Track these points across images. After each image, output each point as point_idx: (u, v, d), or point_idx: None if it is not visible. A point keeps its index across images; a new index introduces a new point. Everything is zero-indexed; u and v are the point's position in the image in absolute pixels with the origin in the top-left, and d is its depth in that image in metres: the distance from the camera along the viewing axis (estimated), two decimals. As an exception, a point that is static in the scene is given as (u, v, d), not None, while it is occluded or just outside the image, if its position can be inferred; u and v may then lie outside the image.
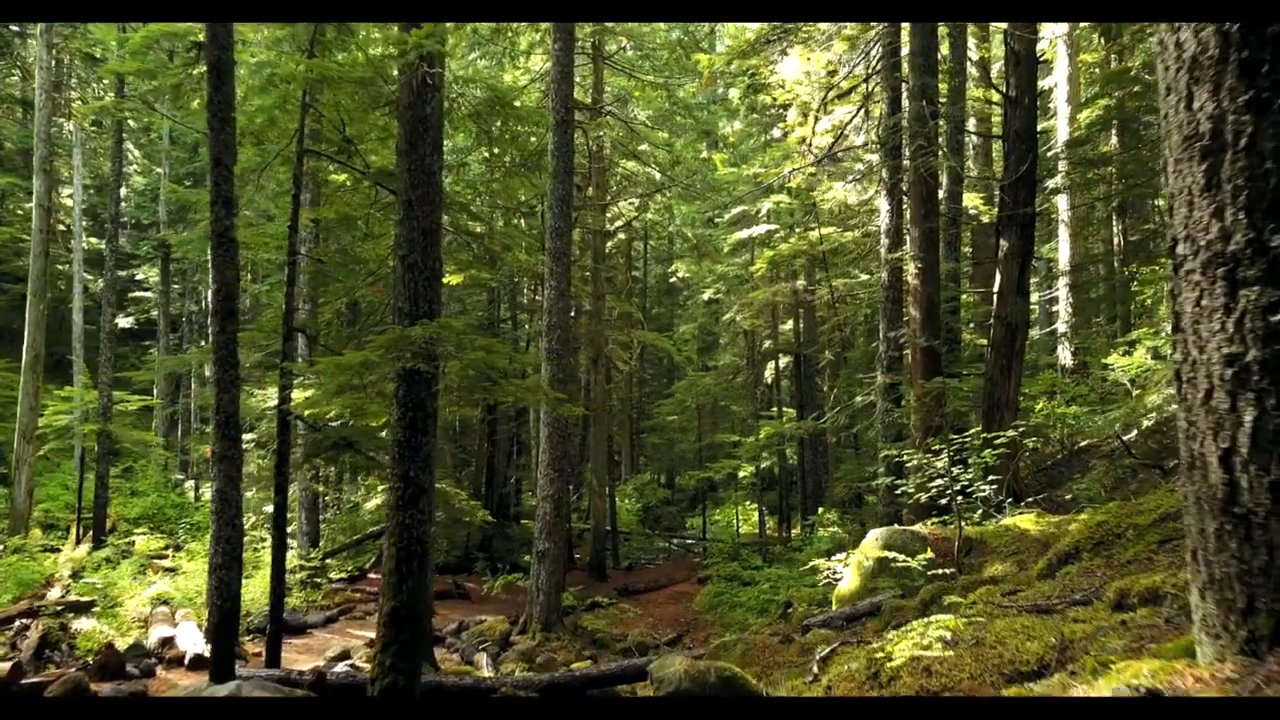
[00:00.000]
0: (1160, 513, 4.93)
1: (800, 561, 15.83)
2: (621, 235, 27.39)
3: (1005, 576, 6.44)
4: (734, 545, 19.37)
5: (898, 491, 9.01)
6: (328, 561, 18.05)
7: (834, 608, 8.54)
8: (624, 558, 24.67)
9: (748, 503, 28.78)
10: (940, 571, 7.71)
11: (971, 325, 20.77)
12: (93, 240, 29.37)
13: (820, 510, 26.06)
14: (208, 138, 7.84)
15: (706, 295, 25.44)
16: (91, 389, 17.89)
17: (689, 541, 27.57)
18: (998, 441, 8.06)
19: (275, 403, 9.53)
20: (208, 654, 10.56)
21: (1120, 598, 3.29)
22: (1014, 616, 3.78)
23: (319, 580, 14.41)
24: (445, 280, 10.32)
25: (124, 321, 29.50)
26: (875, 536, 8.25)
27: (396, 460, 6.51)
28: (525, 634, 13.43)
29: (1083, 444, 17.68)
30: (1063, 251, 21.48)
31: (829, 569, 9.41)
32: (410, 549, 6.41)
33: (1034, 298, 21.88)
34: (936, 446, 7.99)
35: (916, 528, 8.20)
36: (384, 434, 14.91)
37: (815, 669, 4.48)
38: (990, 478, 8.75)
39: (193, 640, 10.73)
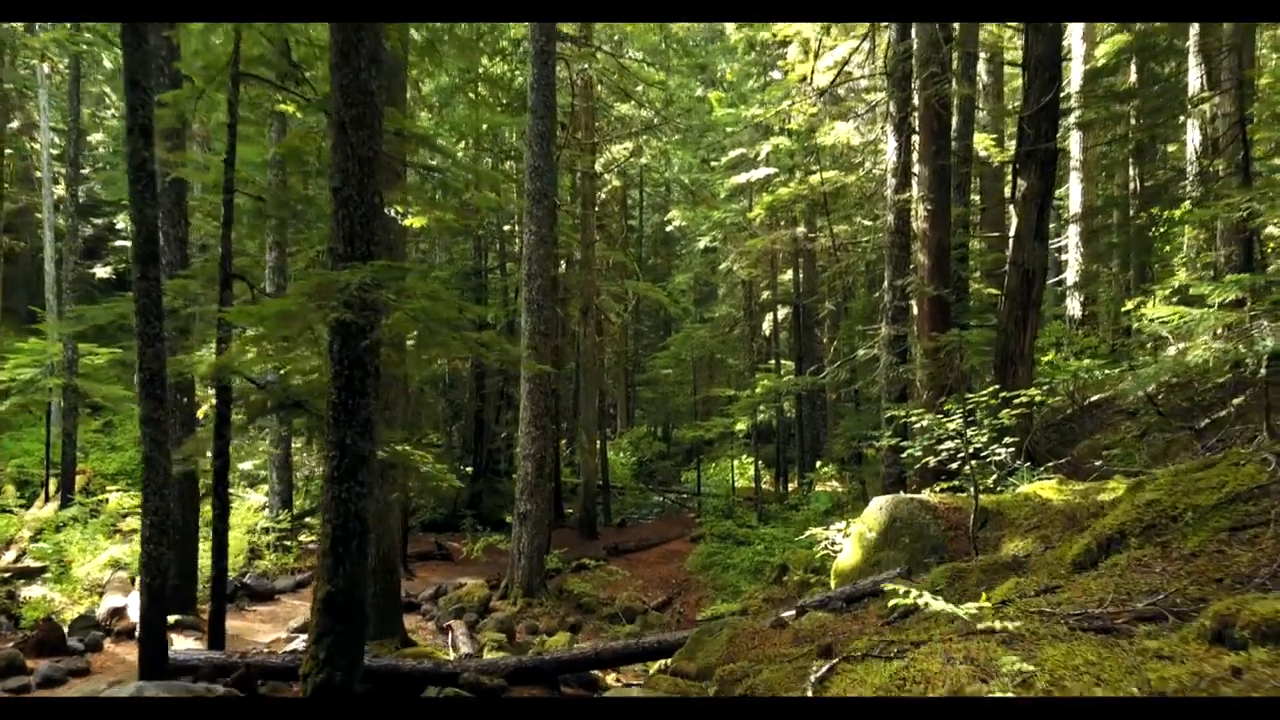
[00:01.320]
0: (1228, 491, 4.09)
1: (797, 522, 15.12)
2: (615, 182, 26.28)
3: (1029, 558, 5.63)
4: (728, 503, 18.69)
5: (903, 454, 8.19)
6: (305, 521, 17.39)
7: (832, 583, 7.78)
8: (617, 514, 24.04)
9: (744, 456, 28.08)
10: (953, 544, 6.92)
11: (979, 274, 19.82)
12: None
13: (818, 464, 25.42)
14: (122, 57, 6.84)
15: (702, 243, 24.41)
16: (57, 341, 17.00)
17: (684, 495, 26.97)
18: (1017, 401, 7.21)
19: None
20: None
21: (1222, 626, 2.47)
22: (1066, 638, 2.95)
23: (289, 543, 13.69)
24: (408, 223, 9.38)
25: (102, 271, 28.51)
26: (879, 506, 7.45)
27: (332, 425, 5.66)
28: (506, 599, 12.76)
29: (1093, 398, 16.87)
30: (1074, 196, 20.42)
31: (827, 539, 8.65)
32: (348, 526, 5.59)
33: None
34: (949, 406, 7.14)
35: (924, 496, 7.40)
36: None
37: (810, 690, 3.68)
38: (1006, 440, 7.93)
39: (145, 611, 10.00)
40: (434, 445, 29.85)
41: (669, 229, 32.00)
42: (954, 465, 7.62)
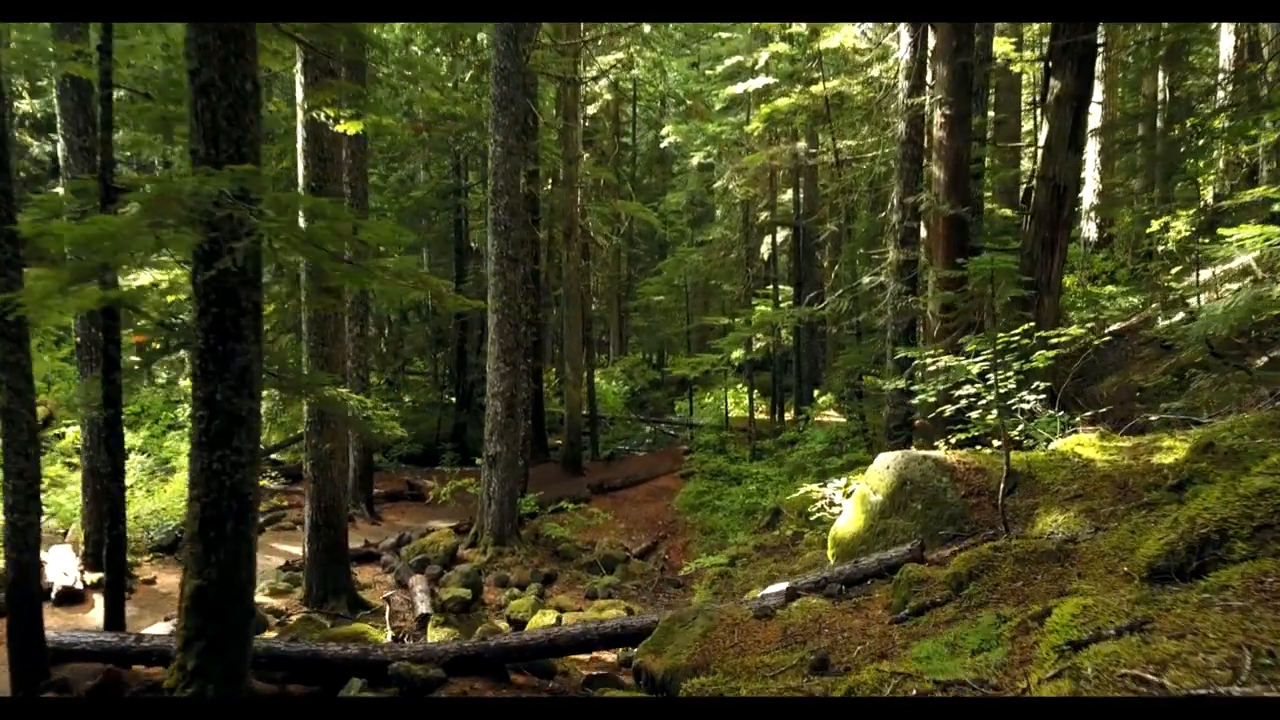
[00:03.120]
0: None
1: (791, 462, 14.09)
2: (607, 96, 24.47)
3: (1077, 543, 4.50)
4: (720, 438, 17.66)
5: (913, 399, 7.02)
6: (270, 457, 16.35)
7: (829, 553, 6.70)
8: (607, 445, 23.08)
9: (739, 385, 26.98)
10: (973, 512, 5.80)
11: (992, 193, 18.37)
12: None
13: (816, 394, 24.36)
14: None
15: (697, 159, 22.79)
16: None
17: (676, 425, 26.00)
18: (1053, 341, 5.99)
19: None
20: (80, 586, 8.88)
21: None
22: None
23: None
24: (340, 128, 7.99)
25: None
26: (886, 464, 6.31)
27: (198, 378, 4.45)
28: (475, 548, 11.79)
29: (1113, 328, 15.67)
30: (1092, 108, 18.75)
31: (823, 498, 7.56)
32: (222, 505, 4.44)
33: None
34: (973, 347, 5.94)
35: (939, 453, 6.26)
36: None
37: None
38: (1035, 385, 6.76)
39: (65, 569, 8.99)
40: (420, 373, 28.88)
41: (663, 145, 30.23)
42: (974, 414, 6.47)
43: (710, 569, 10.56)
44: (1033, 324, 5.90)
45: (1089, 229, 20.26)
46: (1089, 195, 20.25)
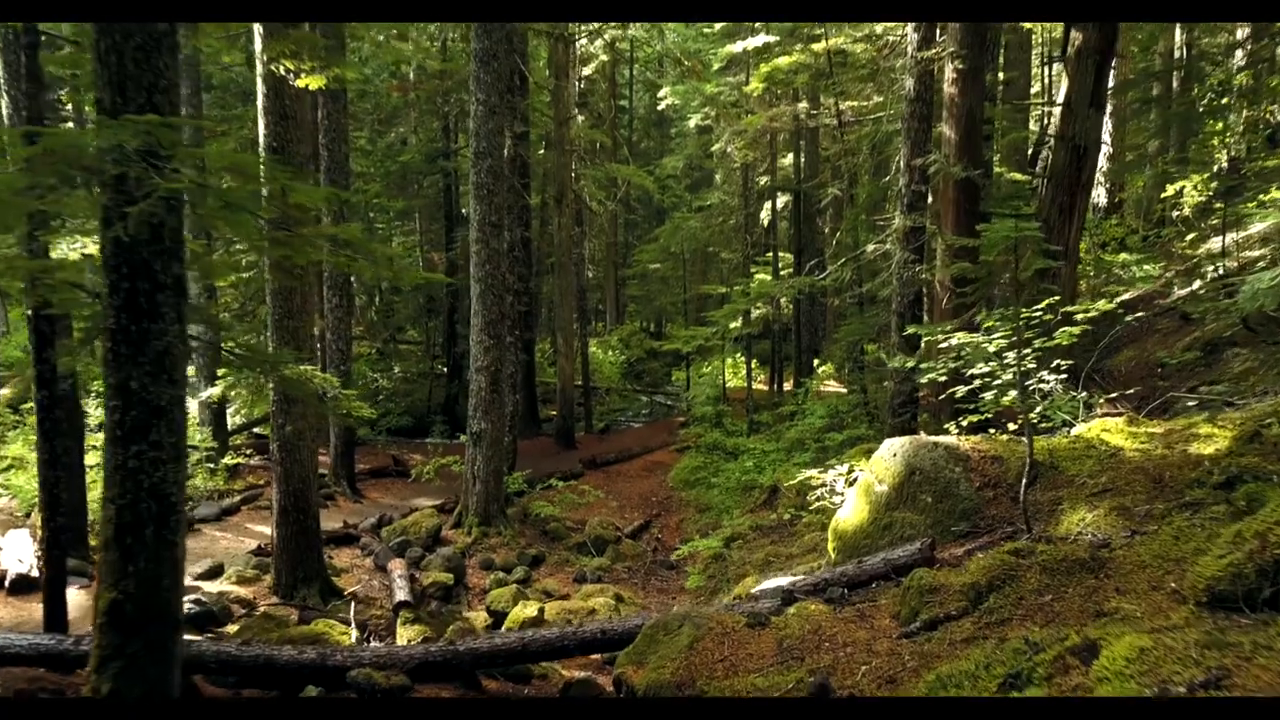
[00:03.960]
0: None
1: (790, 438, 13.57)
2: (603, 56, 23.61)
3: (1111, 550, 3.96)
4: (717, 411, 17.14)
5: (923, 378, 6.47)
6: (253, 430, 15.83)
7: (830, 547, 6.18)
8: (601, 418, 22.59)
9: (737, 355, 26.41)
10: (988, 506, 5.27)
11: (999, 156, 17.64)
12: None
13: (816, 364, 23.81)
14: None
15: (694, 121, 21.98)
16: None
17: (673, 396, 25.50)
18: (1079, 315, 5.41)
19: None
20: (36, 574, 8.37)
21: None
22: None
23: (214, 466, 12.11)
24: (301, 83, 7.33)
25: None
26: (893, 451, 5.76)
27: (110, 362, 3.88)
28: (460, 528, 11.31)
29: (1125, 297, 15.08)
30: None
31: (823, 484, 7.03)
32: (140, 507, 3.90)
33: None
34: (990, 323, 5.37)
35: (951, 439, 5.71)
36: (206, 303, 12.10)
37: None
38: (1055, 363, 6.19)
39: (21, 555, 8.49)
40: (412, 343, 28.27)
41: (661, 107, 29.36)
42: (988, 395, 5.92)
43: (704, 551, 10.08)
44: (1057, 297, 5.32)
45: (1099, 194, 19.56)
46: (1100, 159, 19.50)
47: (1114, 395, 6.88)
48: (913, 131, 9.65)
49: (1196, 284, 13.36)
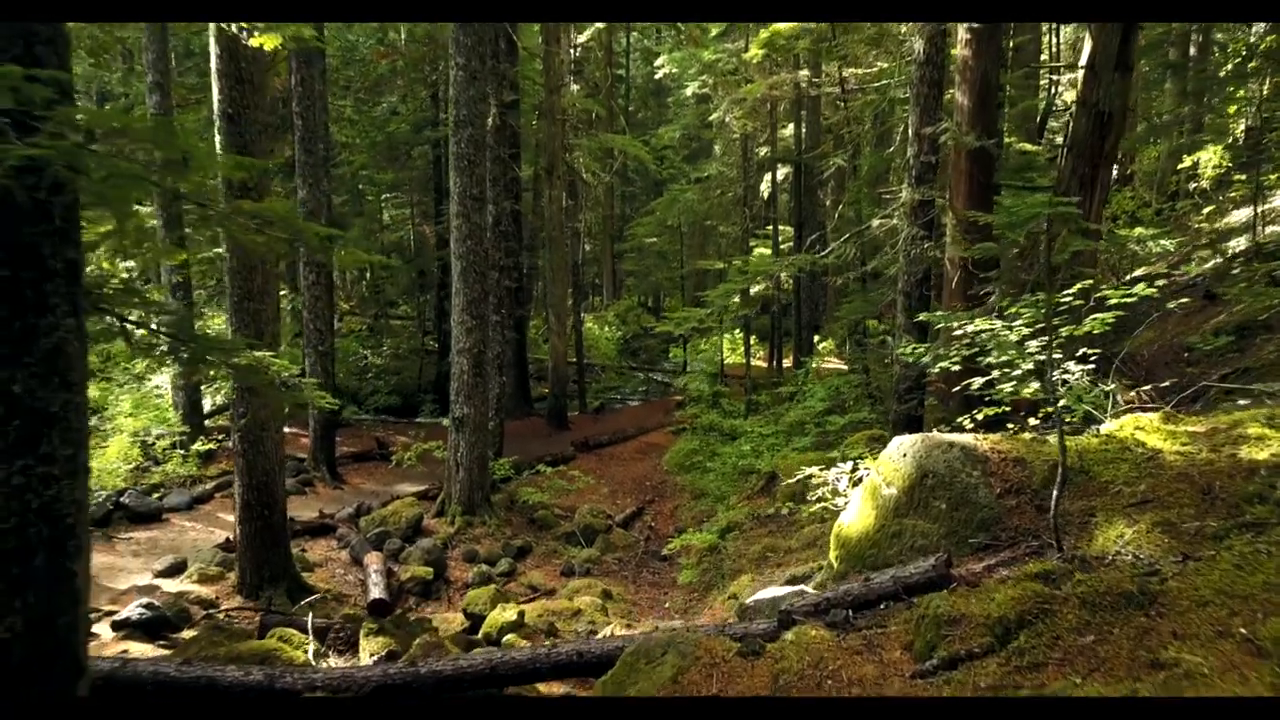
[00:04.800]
0: None
1: (789, 421, 13.02)
2: (599, 23, 22.77)
3: (1161, 578, 3.40)
4: (714, 391, 16.59)
5: (933, 366, 5.89)
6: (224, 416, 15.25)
7: (833, 556, 5.63)
8: (597, 396, 22.05)
9: (735, 331, 25.81)
10: (1011, 514, 4.71)
11: (1011, 124, 16.93)
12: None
13: (816, 340, 23.24)
14: None
15: (691, 90, 21.22)
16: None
17: (670, 374, 24.94)
18: (1113, 300, 4.82)
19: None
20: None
21: None
22: None
23: (184, 452, 11.55)
24: (255, 42, 6.67)
25: None
26: (903, 451, 5.20)
27: (-12, 362, 3.31)
28: (443, 517, 10.80)
29: (1138, 273, 14.47)
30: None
31: (824, 483, 6.48)
32: (28, 531, 3.33)
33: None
34: (1015, 309, 4.79)
35: (967, 439, 5.15)
36: (153, 288, 11.64)
37: None
38: (1082, 352, 5.62)
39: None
40: (404, 318, 27.63)
41: (658, 76, 28.53)
42: (1007, 386, 5.36)
43: (698, 545, 9.57)
44: (1091, 281, 4.73)
45: (1108, 165, 18.77)
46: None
47: (1146, 388, 6.30)
48: (922, 97, 9.00)
49: (1216, 260, 12.75)
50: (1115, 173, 19.21)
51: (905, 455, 5.18)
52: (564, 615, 7.68)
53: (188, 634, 6.64)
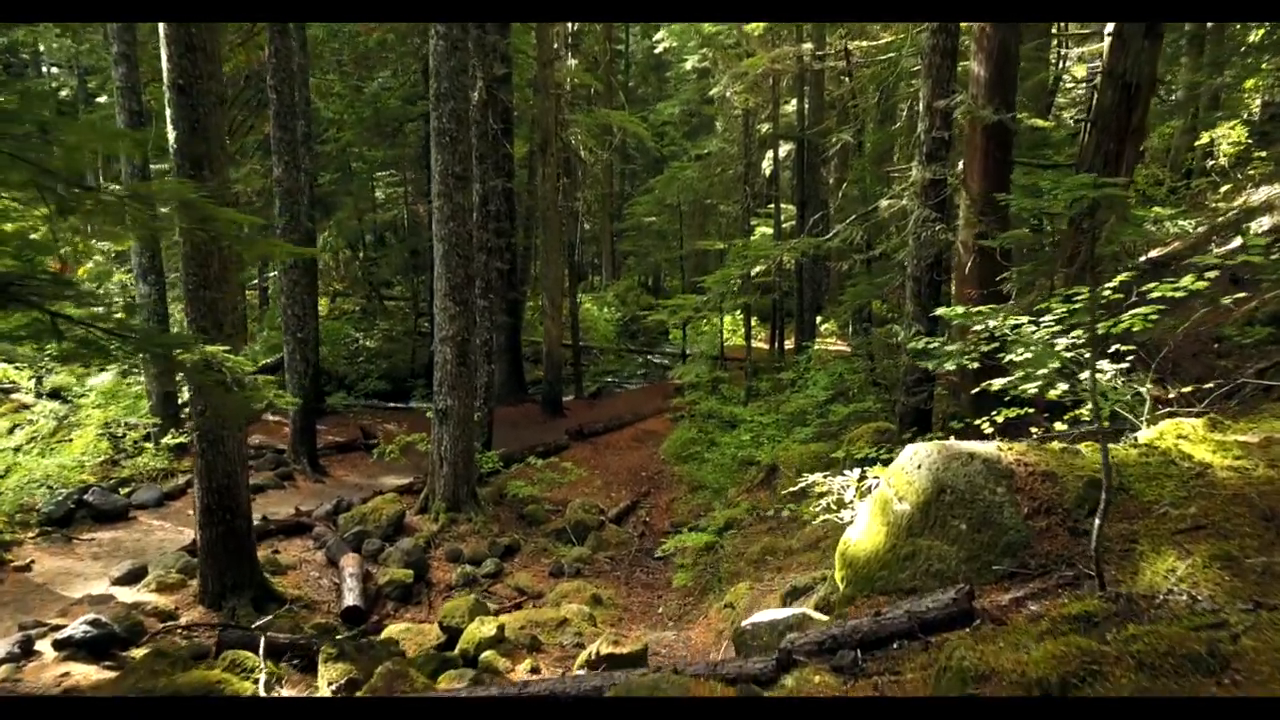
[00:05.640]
0: None
1: (790, 411, 12.48)
2: (595, -6, 21.97)
3: (1229, 630, 2.86)
4: (713, 376, 16.02)
5: (948, 363, 5.32)
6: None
7: (838, 576, 5.10)
8: (594, 380, 21.50)
9: (736, 311, 25.20)
10: (1042, 542, 4.17)
11: (1022, 98, 16.22)
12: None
13: (819, 320, 22.67)
14: None
15: (690, 63, 20.50)
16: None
17: (670, 356, 24.39)
18: (1155, 294, 4.25)
19: None
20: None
21: None
22: None
23: (155, 446, 11.01)
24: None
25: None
26: (917, 462, 4.65)
27: None
28: (426, 513, 10.29)
29: (1152, 255, 13.86)
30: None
31: (827, 492, 5.93)
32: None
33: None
34: (1047, 304, 4.22)
35: (988, 449, 4.59)
36: (84, 277, 11.19)
37: None
38: (1115, 348, 5.06)
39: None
40: (399, 298, 27.02)
41: (659, 50, 27.72)
42: (1031, 388, 4.81)
43: (693, 545, 9.06)
44: (1135, 272, 4.17)
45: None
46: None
47: (1186, 389, 5.72)
48: (934, 68, 8.36)
49: (1238, 241, 12.12)
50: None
51: (920, 467, 4.62)
52: (549, 626, 7.18)
53: (138, 652, 6.14)
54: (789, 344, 21.76)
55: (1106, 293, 4.22)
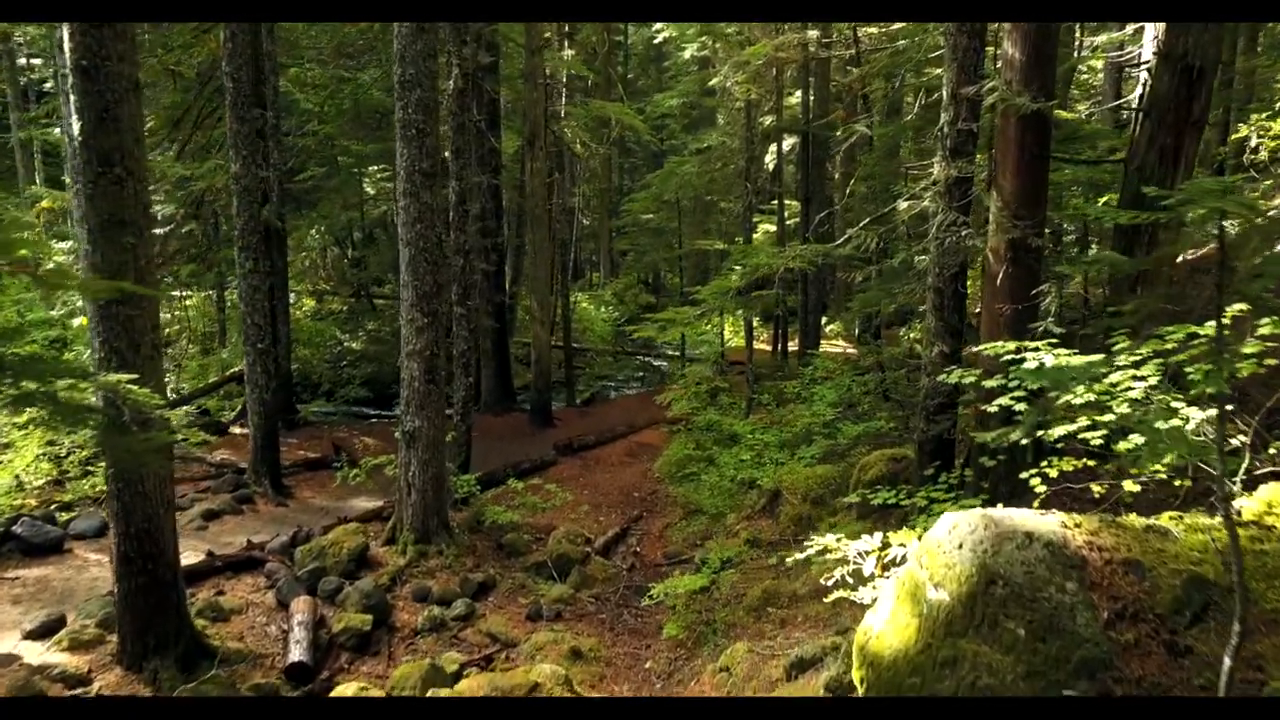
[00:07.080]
0: None
1: (793, 428, 11.51)
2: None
3: None
4: (712, 385, 15.05)
5: (988, 405, 4.34)
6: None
7: (856, 677, 4.13)
8: (588, 385, 20.56)
9: (738, 311, 24.20)
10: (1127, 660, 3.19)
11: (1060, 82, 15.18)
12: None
13: (825, 323, 21.71)
14: None
15: (690, 52, 19.49)
16: None
17: (669, 357, 23.42)
18: (1263, 330, 3.29)
19: None
20: None
21: None
22: None
23: (98, 467, 10.08)
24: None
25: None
26: (956, 537, 3.68)
27: None
28: (394, 545, 9.33)
29: (1189, 255, 12.84)
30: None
31: (843, 560, 4.95)
32: None
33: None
34: (1134, 353, 3.27)
35: (1051, 526, 3.61)
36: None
37: None
38: (1199, 391, 4.08)
39: None
40: (390, 298, 26.09)
41: (658, 40, 26.69)
42: (1087, 436, 3.89)
43: (685, 590, 8.10)
44: (1245, 306, 3.21)
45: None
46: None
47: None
48: (960, 50, 7.36)
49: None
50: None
51: (961, 546, 3.65)
52: (515, 692, 6.22)
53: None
54: (793, 346, 20.81)
55: (1204, 332, 3.27)
